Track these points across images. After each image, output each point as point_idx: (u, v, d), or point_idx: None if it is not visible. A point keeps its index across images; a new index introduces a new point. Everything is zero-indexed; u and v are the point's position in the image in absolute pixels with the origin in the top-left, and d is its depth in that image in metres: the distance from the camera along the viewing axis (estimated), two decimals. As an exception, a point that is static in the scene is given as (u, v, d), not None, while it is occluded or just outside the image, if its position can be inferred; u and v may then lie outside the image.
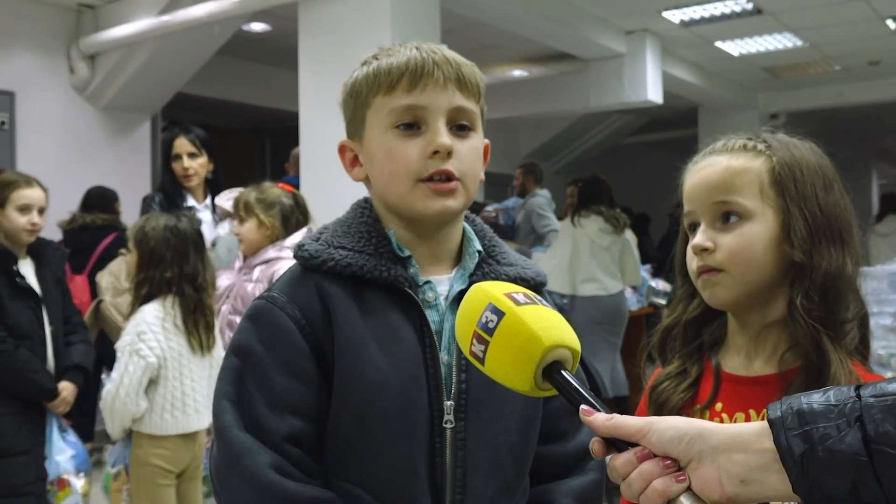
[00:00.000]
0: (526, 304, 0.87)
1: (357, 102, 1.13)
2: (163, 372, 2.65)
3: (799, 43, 7.53)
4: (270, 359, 1.06)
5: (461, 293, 1.12)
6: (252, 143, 9.14)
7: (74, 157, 5.73)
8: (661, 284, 6.19)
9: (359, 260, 1.09)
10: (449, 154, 1.08)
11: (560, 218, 6.57)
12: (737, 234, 1.09)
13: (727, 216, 1.10)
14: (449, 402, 1.08)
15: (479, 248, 1.18)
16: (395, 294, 1.10)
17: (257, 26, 6.58)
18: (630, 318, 5.43)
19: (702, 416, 1.13)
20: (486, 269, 1.16)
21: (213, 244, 3.46)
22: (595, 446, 0.78)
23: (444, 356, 1.10)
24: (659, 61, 7.33)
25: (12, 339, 2.86)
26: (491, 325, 0.87)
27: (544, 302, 0.89)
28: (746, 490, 0.69)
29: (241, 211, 2.96)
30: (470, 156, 1.11)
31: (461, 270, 1.16)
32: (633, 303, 5.71)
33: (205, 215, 3.94)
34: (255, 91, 7.52)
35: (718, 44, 7.61)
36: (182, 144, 3.87)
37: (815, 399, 0.68)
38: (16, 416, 2.83)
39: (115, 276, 4.15)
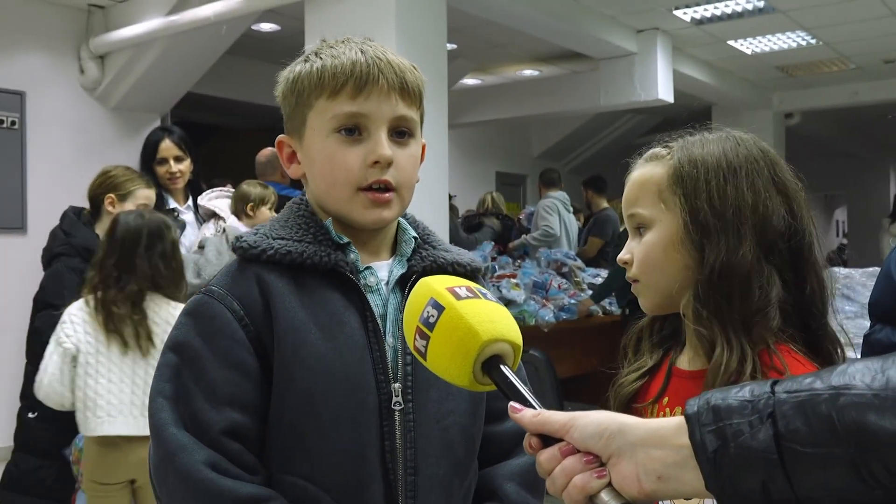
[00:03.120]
0: (467, 298, 0.87)
1: (299, 101, 1.14)
2: (77, 367, 2.57)
3: (812, 41, 7.46)
4: (208, 351, 1.06)
5: (402, 277, 1.16)
6: (263, 142, 9.16)
7: (84, 157, 5.76)
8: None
9: (298, 247, 1.11)
10: (389, 164, 1.11)
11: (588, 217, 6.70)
12: (642, 244, 1.13)
13: (639, 227, 1.14)
14: (396, 385, 1.09)
15: (415, 234, 1.21)
16: (336, 280, 1.11)
17: (266, 26, 6.61)
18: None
19: (651, 410, 1.14)
20: (424, 253, 1.19)
21: (201, 246, 3.45)
22: (530, 442, 0.77)
23: (389, 339, 1.12)
24: (670, 60, 7.28)
25: None
26: (432, 319, 0.87)
27: (488, 295, 0.89)
28: (663, 486, 0.68)
29: (262, 204, 2.97)
30: (408, 164, 1.14)
31: (398, 256, 1.18)
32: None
33: (188, 217, 3.92)
34: (265, 91, 7.45)
35: (731, 42, 7.55)
36: (168, 148, 3.83)
37: (733, 394, 0.67)
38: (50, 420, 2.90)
39: None
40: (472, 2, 5.48)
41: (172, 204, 3.92)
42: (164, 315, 2.61)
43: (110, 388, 2.54)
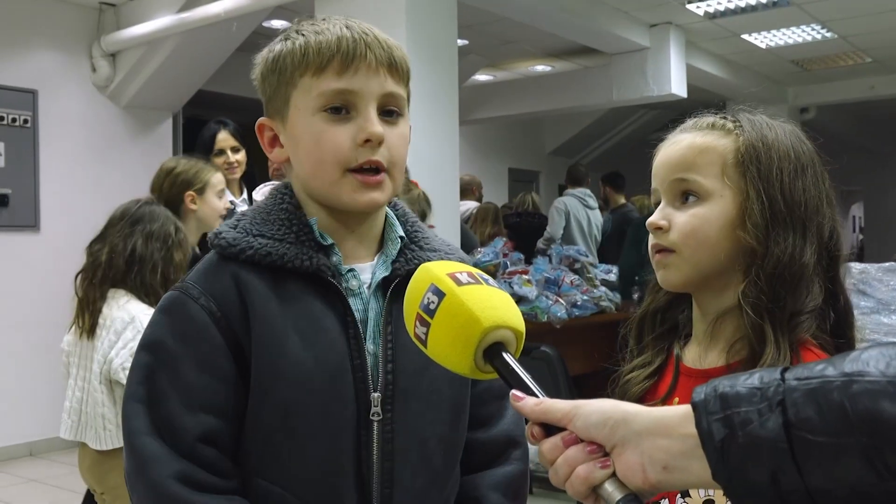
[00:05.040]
0: (469, 283, 0.84)
1: (281, 80, 1.08)
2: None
3: (828, 35, 7.38)
4: (184, 354, 1.02)
5: (385, 280, 1.10)
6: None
7: (96, 155, 5.79)
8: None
9: (279, 248, 1.05)
10: (380, 142, 1.05)
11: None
12: (691, 214, 1.04)
13: (686, 195, 1.06)
14: (376, 394, 1.05)
15: (402, 233, 1.15)
16: (318, 283, 1.06)
17: (277, 23, 6.60)
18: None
19: None
20: (409, 254, 1.12)
21: None
22: (532, 431, 0.75)
23: (369, 346, 1.07)
24: (683, 55, 7.23)
25: None
26: (432, 306, 0.84)
27: (490, 281, 0.86)
28: (669, 477, 0.66)
29: None
30: (399, 143, 1.08)
31: (383, 257, 1.12)
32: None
33: (243, 209, 3.96)
34: (277, 88, 7.50)
35: (745, 36, 7.49)
36: (225, 139, 3.88)
37: (741, 382, 0.64)
38: None
39: None
40: (483, -3, 5.45)
41: (228, 196, 3.94)
42: (117, 311, 2.35)
43: (67, 386, 2.42)
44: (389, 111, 1.08)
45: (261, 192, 4.02)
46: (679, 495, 1.03)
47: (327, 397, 1.02)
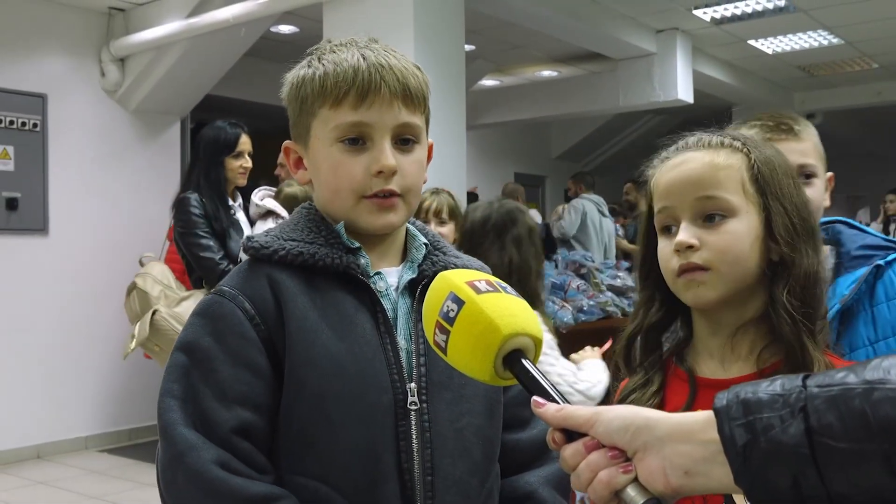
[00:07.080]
0: (487, 291, 0.86)
1: (302, 108, 1.14)
2: None
3: (834, 40, 7.39)
4: (218, 350, 1.04)
5: (412, 282, 1.14)
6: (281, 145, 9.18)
7: (105, 159, 5.81)
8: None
9: (310, 249, 1.10)
10: (393, 173, 1.10)
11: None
12: (723, 232, 1.06)
13: (711, 213, 1.07)
14: (412, 385, 1.08)
15: (425, 241, 1.20)
16: (348, 282, 1.10)
17: (286, 28, 6.63)
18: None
19: None
20: (434, 258, 1.18)
21: None
22: (553, 437, 0.76)
23: (401, 341, 1.11)
24: (689, 60, 7.24)
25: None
26: (452, 314, 0.85)
27: (508, 289, 0.88)
28: (691, 482, 0.67)
29: (445, 213, 3.11)
30: (413, 170, 1.13)
31: (409, 262, 1.17)
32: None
33: (240, 215, 3.98)
34: (284, 93, 7.52)
35: (751, 42, 7.50)
36: (247, 143, 3.90)
37: (763, 388, 0.65)
38: None
39: (165, 284, 4.06)
40: (491, 3, 5.47)
41: (229, 202, 3.96)
42: None
43: None
44: (405, 140, 1.13)
45: (258, 195, 4.04)
46: None
47: (361, 386, 1.05)
